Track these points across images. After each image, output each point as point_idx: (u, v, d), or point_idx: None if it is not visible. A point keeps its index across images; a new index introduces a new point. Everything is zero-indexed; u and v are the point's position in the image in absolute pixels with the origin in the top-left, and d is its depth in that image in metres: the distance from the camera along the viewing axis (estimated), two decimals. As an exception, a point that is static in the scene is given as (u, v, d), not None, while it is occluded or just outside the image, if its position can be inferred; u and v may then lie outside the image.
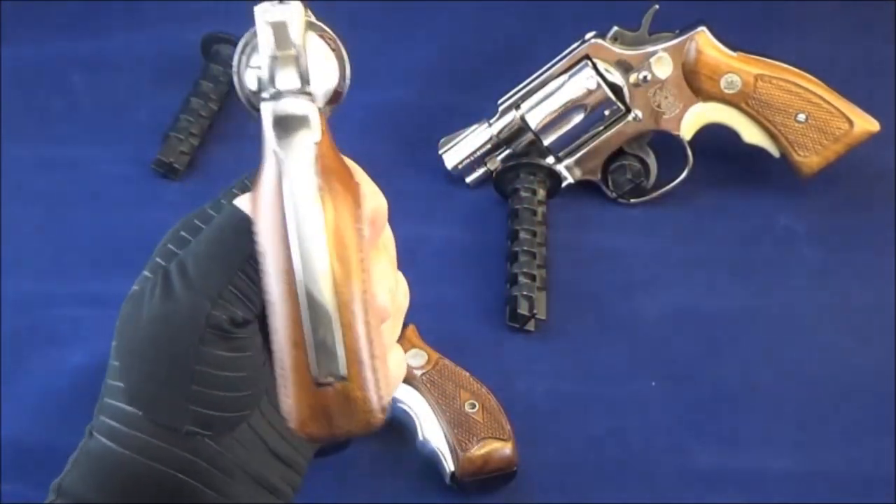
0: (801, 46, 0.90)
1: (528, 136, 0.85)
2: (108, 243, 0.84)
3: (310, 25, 0.45)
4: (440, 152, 0.87)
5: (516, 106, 0.84)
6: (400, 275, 0.50)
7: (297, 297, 0.42)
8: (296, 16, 0.43)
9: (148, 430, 0.45)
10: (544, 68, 0.84)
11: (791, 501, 0.71)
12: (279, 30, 0.43)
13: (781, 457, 0.73)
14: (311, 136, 0.43)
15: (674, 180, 0.85)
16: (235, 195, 0.47)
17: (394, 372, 0.47)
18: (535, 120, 0.84)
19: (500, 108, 0.85)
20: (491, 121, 0.85)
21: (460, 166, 0.87)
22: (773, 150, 0.84)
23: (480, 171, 0.87)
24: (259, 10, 0.43)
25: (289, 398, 0.43)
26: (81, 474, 0.46)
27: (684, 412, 0.75)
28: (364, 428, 0.43)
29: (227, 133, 0.90)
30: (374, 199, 0.47)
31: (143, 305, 0.45)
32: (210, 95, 0.89)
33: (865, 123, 0.82)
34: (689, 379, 0.77)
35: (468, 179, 0.87)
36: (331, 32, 0.46)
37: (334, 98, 0.47)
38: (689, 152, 0.84)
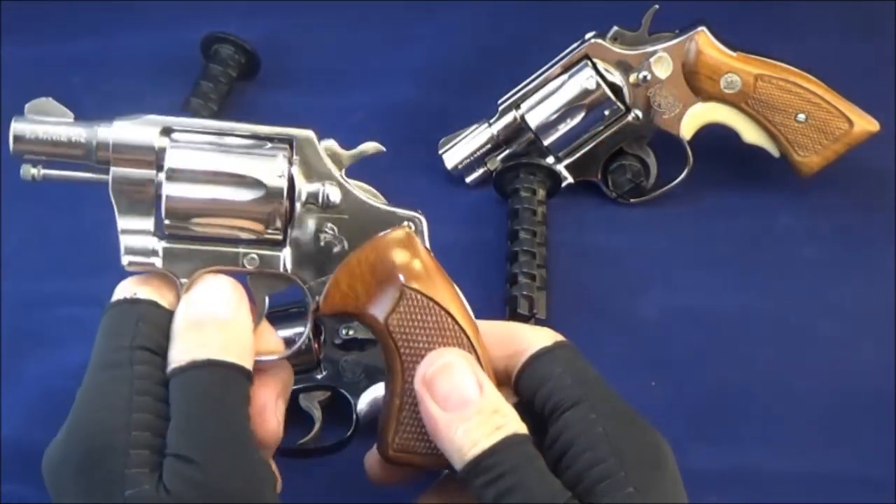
0: (801, 46, 0.90)
1: (528, 136, 0.85)
2: (108, 243, 0.83)
3: None
4: (440, 152, 0.87)
5: (516, 106, 0.84)
6: None
7: None
8: None
9: None
10: (544, 68, 0.84)
11: (791, 501, 0.71)
12: None
13: (781, 457, 0.73)
14: None
15: (674, 180, 0.85)
16: None
17: None
18: (535, 120, 0.84)
19: (500, 108, 0.85)
20: (491, 121, 0.85)
21: (460, 166, 0.87)
22: (773, 150, 0.84)
23: (480, 171, 0.87)
24: None
25: None
26: None
27: (684, 412, 0.75)
28: None
29: (227, 133, 0.90)
30: None
31: None
32: (210, 95, 0.89)
33: (865, 123, 0.82)
34: (689, 379, 0.76)
35: (468, 179, 0.87)
36: None
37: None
38: (689, 152, 0.84)
